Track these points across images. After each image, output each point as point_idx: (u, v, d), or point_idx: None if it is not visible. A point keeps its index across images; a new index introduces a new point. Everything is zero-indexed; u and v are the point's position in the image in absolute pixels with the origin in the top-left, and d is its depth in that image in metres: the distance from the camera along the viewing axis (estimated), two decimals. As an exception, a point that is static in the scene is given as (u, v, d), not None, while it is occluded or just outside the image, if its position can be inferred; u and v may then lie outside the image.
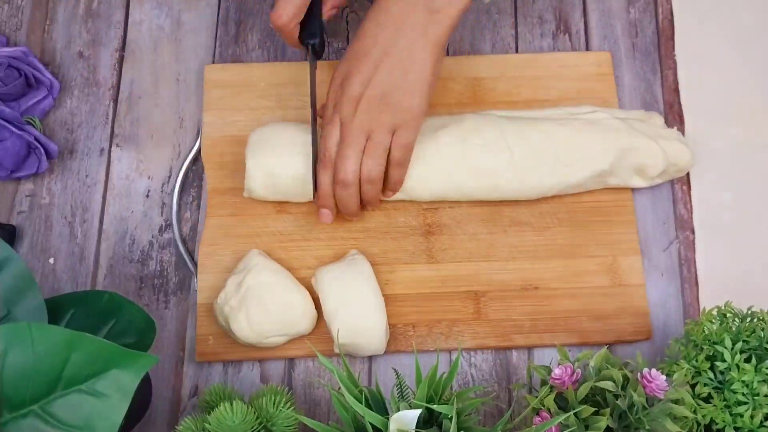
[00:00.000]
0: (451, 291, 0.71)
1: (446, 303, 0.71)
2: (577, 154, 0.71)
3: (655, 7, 0.84)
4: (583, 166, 0.71)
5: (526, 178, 0.71)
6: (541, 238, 0.73)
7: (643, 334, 0.71)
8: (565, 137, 0.71)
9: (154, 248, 0.74)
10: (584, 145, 0.71)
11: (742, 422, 0.58)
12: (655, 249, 0.75)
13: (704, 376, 0.60)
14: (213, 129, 0.76)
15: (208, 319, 0.70)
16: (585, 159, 0.71)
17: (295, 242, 0.73)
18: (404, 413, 0.52)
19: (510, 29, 0.83)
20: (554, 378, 0.58)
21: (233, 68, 0.79)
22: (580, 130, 0.71)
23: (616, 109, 0.76)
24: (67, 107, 0.79)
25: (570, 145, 0.71)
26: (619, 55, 0.82)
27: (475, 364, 0.71)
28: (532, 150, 0.70)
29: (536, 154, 0.70)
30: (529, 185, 0.71)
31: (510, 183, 0.71)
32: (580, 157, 0.71)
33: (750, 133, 0.79)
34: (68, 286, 0.73)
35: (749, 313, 0.63)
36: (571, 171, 0.71)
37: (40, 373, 0.48)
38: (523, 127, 0.71)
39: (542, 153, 0.70)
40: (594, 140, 0.71)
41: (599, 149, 0.71)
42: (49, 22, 0.82)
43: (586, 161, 0.71)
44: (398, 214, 0.74)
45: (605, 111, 0.74)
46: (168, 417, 0.69)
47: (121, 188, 0.76)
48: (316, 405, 0.70)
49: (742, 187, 0.77)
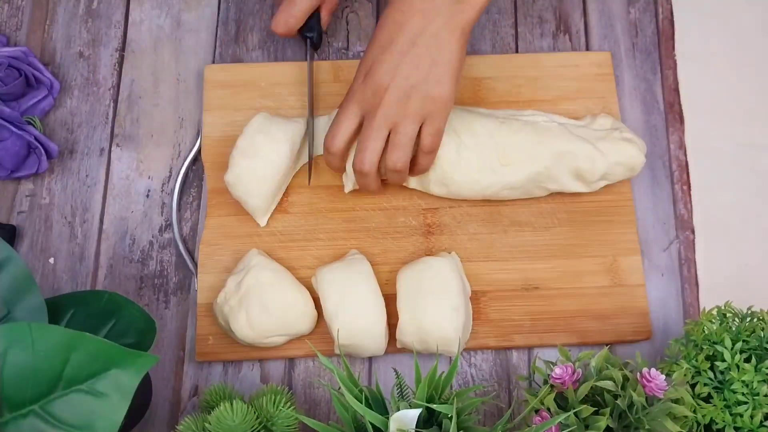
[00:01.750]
0: (451, 291, 0.71)
1: (446, 303, 0.71)
2: (514, 154, 0.70)
3: (655, 7, 0.84)
4: (520, 167, 0.70)
5: (469, 169, 0.70)
6: (541, 238, 0.73)
7: (643, 334, 0.71)
8: (503, 136, 0.70)
9: (154, 248, 0.74)
10: (520, 145, 0.70)
11: (742, 422, 0.58)
12: (655, 249, 0.75)
13: (704, 375, 0.60)
14: (213, 129, 0.76)
15: (208, 319, 0.70)
16: (521, 160, 0.70)
17: (295, 242, 0.73)
18: (404, 413, 0.52)
19: (510, 29, 0.83)
20: (555, 377, 0.58)
21: (233, 68, 0.79)
22: (518, 130, 0.71)
23: (557, 116, 0.74)
24: (67, 107, 0.79)
25: (508, 144, 0.70)
26: (619, 55, 0.82)
27: (475, 364, 0.71)
28: (477, 142, 0.70)
29: (480, 146, 0.70)
30: (472, 179, 0.70)
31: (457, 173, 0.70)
32: (516, 158, 0.70)
33: (750, 133, 0.79)
34: (68, 286, 0.73)
35: (749, 313, 0.63)
36: (509, 171, 0.70)
37: (41, 372, 0.48)
38: (471, 119, 0.71)
39: (485, 147, 0.70)
40: (530, 141, 0.70)
41: (534, 151, 0.70)
42: (49, 22, 0.82)
43: (523, 163, 0.70)
44: (398, 214, 0.74)
45: (545, 115, 0.74)
46: (168, 417, 0.69)
47: (121, 188, 0.76)
48: (316, 405, 0.70)
49: (742, 187, 0.77)
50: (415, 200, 0.74)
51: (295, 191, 0.74)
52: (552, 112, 0.76)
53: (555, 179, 0.71)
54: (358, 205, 0.74)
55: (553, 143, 0.70)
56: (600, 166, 0.71)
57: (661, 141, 0.79)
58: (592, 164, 0.70)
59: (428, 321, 0.65)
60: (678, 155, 0.78)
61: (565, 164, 0.71)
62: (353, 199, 0.74)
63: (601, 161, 0.70)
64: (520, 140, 0.70)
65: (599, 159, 0.70)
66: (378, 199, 0.74)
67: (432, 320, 0.65)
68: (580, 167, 0.71)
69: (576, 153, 0.70)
